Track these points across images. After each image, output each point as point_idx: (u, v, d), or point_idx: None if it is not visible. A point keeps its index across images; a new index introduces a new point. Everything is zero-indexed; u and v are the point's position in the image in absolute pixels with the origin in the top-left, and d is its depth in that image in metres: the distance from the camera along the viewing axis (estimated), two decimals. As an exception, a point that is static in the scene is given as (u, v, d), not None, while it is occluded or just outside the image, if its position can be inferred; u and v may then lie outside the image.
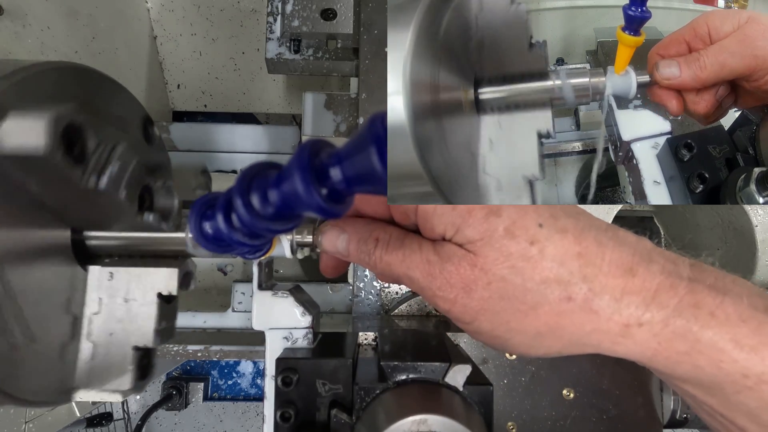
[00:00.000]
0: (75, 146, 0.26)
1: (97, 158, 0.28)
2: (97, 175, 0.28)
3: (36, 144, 0.24)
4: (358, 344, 0.42)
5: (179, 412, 1.31)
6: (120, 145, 0.29)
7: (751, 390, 0.24)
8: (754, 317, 0.24)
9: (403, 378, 0.33)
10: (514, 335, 0.27)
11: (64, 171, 0.26)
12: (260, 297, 0.39)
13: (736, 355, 0.24)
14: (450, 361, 0.33)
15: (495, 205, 0.26)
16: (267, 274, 0.40)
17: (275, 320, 0.39)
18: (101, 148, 0.29)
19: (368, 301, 0.57)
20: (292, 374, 0.34)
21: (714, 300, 0.25)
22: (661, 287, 0.25)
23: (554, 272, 0.25)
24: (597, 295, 0.25)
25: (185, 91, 1.18)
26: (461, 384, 0.33)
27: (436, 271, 0.27)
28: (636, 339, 0.25)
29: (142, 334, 0.31)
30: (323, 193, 0.20)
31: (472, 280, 0.26)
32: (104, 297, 0.32)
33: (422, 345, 0.38)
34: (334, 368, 0.34)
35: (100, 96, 0.33)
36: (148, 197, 0.32)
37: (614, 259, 0.25)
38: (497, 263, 0.26)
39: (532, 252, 0.25)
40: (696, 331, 0.24)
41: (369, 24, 0.62)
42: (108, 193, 0.28)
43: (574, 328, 0.26)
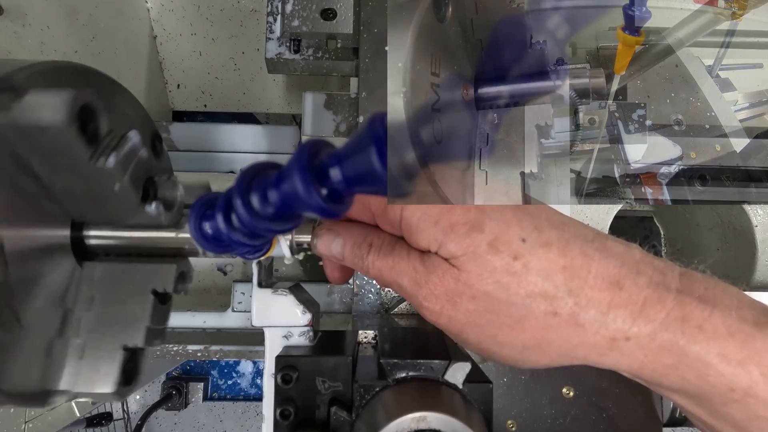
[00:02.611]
0: (89, 126, 0.27)
1: (108, 141, 0.29)
2: (107, 156, 0.28)
3: (53, 117, 0.24)
4: (358, 342, 0.42)
5: (179, 412, 1.31)
6: (131, 132, 0.30)
7: (737, 403, 0.25)
8: (742, 330, 0.24)
9: (402, 375, 0.33)
10: (502, 348, 0.27)
11: (75, 148, 0.26)
12: (260, 294, 0.39)
13: (723, 369, 0.24)
14: (450, 359, 0.33)
15: (477, 217, 0.26)
16: (267, 271, 0.40)
17: (275, 318, 0.39)
18: (113, 133, 0.29)
19: (368, 299, 0.57)
20: (291, 372, 0.34)
21: (702, 313, 0.25)
22: (649, 300, 0.25)
23: (539, 287, 0.25)
24: (583, 309, 0.25)
25: (185, 91, 1.18)
26: (461, 382, 0.33)
27: (422, 281, 0.27)
28: (623, 352, 0.25)
29: (133, 332, 0.31)
30: (323, 193, 0.20)
31: (457, 293, 0.26)
32: (97, 294, 0.32)
33: (422, 343, 0.38)
34: (334, 366, 0.35)
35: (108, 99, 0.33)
36: (152, 189, 0.32)
37: (600, 272, 0.25)
38: (481, 278, 0.25)
39: (516, 267, 0.25)
40: (683, 345, 0.24)
41: (369, 24, 0.62)
42: (114, 175, 0.28)
43: (560, 342, 0.26)
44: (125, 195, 0.30)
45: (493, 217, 0.26)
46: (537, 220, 0.26)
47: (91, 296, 0.32)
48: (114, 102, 0.34)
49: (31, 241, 0.28)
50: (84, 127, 0.26)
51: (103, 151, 0.28)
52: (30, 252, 0.28)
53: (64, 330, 0.31)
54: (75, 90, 0.25)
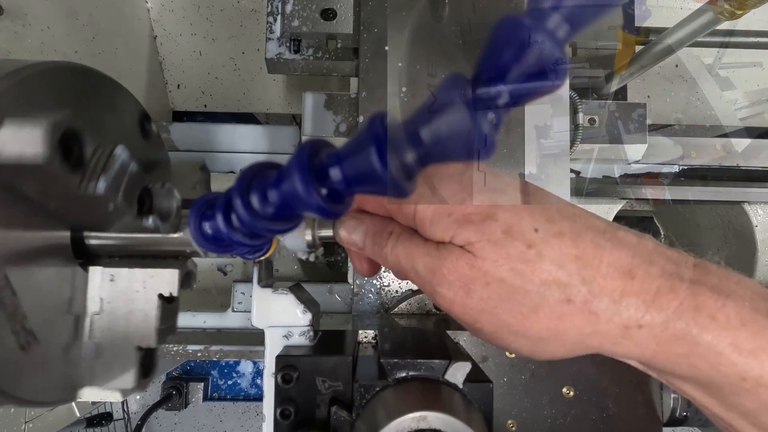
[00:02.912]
0: (73, 152, 0.26)
1: (95, 163, 0.28)
2: (96, 180, 0.28)
3: (34, 152, 0.23)
4: (358, 342, 0.42)
5: (179, 412, 1.31)
6: (118, 149, 0.29)
7: (748, 392, 0.25)
8: (755, 321, 0.24)
9: (403, 375, 0.33)
10: (517, 338, 0.27)
11: (62, 178, 0.26)
12: (260, 294, 0.39)
13: (735, 358, 0.24)
14: (450, 359, 0.33)
15: (490, 209, 0.26)
16: (267, 271, 0.40)
17: (275, 318, 0.39)
18: (99, 152, 0.28)
19: (368, 299, 0.57)
20: (292, 371, 0.34)
21: (715, 303, 0.25)
22: (661, 289, 0.25)
23: (553, 275, 0.25)
24: (596, 297, 0.25)
25: (185, 91, 1.18)
26: (461, 381, 0.33)
27: (436, 265, 0.27)
28: (636, 340, 0.26)
29: (144, 334, 0.32)
30: (323, 193, 0.20)
31: (471, 279, 0.26)
32: (105, 297, 0.32)
33: (422, 342, 0.38)
34: (334, 365, 0.35)
35: (96, 95, 0.33)
36: (148, 198, 0.32)
37: (612, 261, 0.25)
38: (497, 264, 0.26)
39: (530, 255, 0.25)
40: (695, 334, 0.24)
41: (369, 24, 0.62)
42: (107, 197, 0.28)
43: (575, 332, 0.26)
44: (121, 210, 0.30)
45: (506, 209, 0.26)
46: (549, 212, 0.26)
47: (99, 300, 0.32)
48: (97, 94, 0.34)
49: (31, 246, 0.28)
50: (68, 153, 0.26)
51: (92, 175, 0.27)
52: (31, 256, 0.28)
53: (78, 333, 0.31)
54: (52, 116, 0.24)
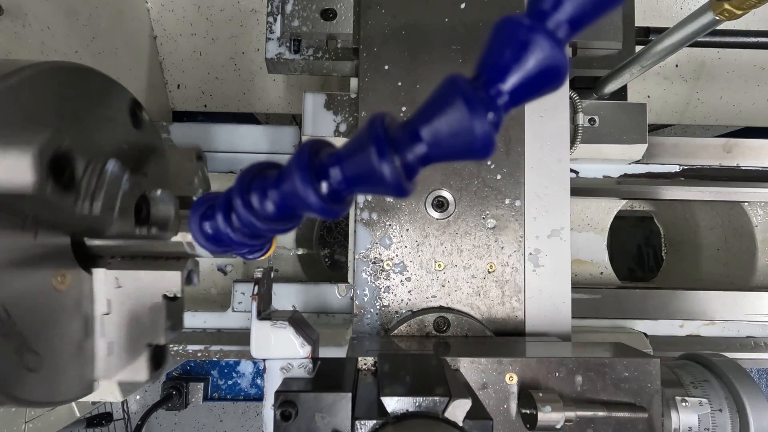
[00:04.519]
0: (64, 173, 0.25)
1: (88, 181, 0.28)
2: (90, 200, 0.27)
3: (23, 181, 0.22)
4: (358, 369, 0.42)
5: (179, 412, 1.31)
6: (109, 163, 0.29)
7: None
8: None
9: (402, 412, 0.33)
10: None
11: (56, 201, 0.25)
12: (259, 327, 0.39)
13: None
14: (450, 395, 0.33)
15: None
16: (266, 301, 0.40)
17: (274, 351, 0.39)
18: (90, 168, 0.28)
19: (368, 319, 0.58)
20: (291, 408, 0.34)
21: None
22: None
23: None
24: None
25: (185, 91, 1.18)
26: (461, 419, 0.33)
27: None
28: None
29: (153, 332, 0.33)
30: (323, 193, 0.20)
31: None
32: (112, 298, 0.33)
33: (422, 375, 0.38)
34: (333, 402, 0.34)
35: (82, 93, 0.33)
36: (145, 206, 0.32)
37: None
38: None
39: None
40: None
41: (369, 24, 0.62)
42: (103, 215, 0.28)
43: None
44: (118, 224, 0.30)
45: None
46: None
47: (107, 301, 0.33)
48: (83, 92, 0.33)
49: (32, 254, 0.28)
50: (60, 173, 0.25)
51: (86, 195, 0.27)
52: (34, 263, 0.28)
53: (89, 333, 0.32)
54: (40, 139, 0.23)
